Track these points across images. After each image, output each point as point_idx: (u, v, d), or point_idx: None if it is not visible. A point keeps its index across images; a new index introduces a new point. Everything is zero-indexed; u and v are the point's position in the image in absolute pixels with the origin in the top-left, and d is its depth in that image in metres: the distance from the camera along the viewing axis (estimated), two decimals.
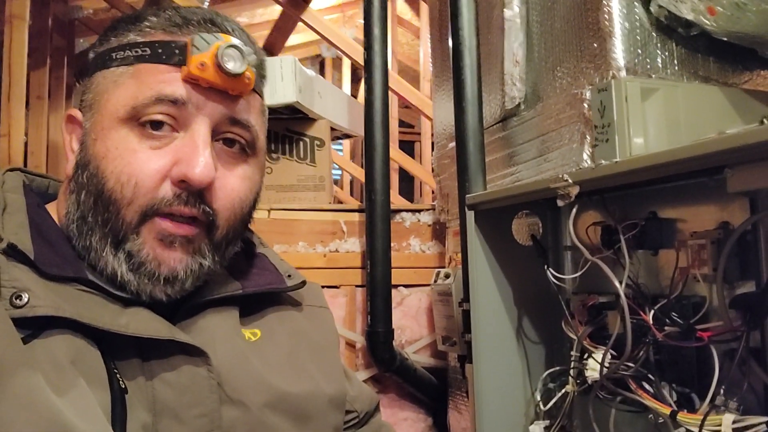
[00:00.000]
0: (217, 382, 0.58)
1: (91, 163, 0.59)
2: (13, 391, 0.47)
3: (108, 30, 0.64)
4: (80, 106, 0.63)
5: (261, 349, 0.64)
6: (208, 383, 0.57)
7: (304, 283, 0.72)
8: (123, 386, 0.54)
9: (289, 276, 0.71)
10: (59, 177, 0.70)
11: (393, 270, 1.44)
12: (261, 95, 0.67)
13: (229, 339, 0.62)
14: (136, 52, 0.60)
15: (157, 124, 0.58)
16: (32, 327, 0.52)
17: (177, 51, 0.59)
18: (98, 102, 0.60)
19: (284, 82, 1.45)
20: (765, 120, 0.64)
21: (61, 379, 0.50)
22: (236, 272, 0.68)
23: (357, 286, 1.53)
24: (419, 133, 3.86)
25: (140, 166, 0.57)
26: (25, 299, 0.52)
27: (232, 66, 0.58)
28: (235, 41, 0.60)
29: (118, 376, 0.54)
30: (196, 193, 0.59)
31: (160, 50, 0.59)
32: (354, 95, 3.73)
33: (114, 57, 0.61)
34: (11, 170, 0.65)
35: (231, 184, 0.62)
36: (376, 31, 1.44)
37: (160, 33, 0.61)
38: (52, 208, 0.64)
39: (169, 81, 0.58)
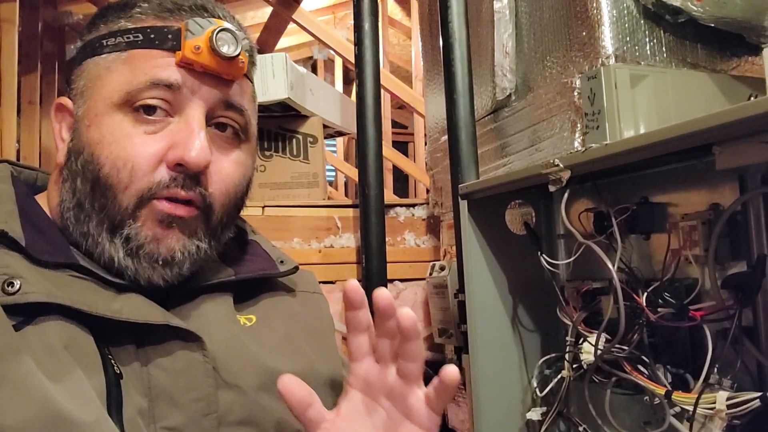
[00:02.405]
0: (213, 367, 0.58)
1: (85, 149, 0.59)
2: (5, 377, 0.47)
3: (96, 17, 0.64)
4: (70, 94, 0.63)
5: (256, 333, 0.64)
6: (203, 368, 0.57)
7: (296, 268, 0.72)
8: (118, 371, 0.54)
9: (282, 262, 0.71)
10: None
11: (388, 264, 1.45)
12: (252, 82, 0.67)
13: (223, 324, 0.62)
14: (128, 38, 0.60)
15: (151, 109, 0.59)
16: (24, 314, 0.52)
17: (170, 36, 0.59)
18: (90, 89, 0.60)
19: (275, 79, 1.45)
20: (752, 97, 0.65)
21: (54, 364, 0.50)
22: (229, 259, 0.68)
23: None
24: (412, 134, 3.86)
25: (136, 150, 0.58)
26: (17, 286, 0.52)
27: (226, 49, 0.59)
28: (229, 25, 0.60)
29: (112, 361, 0.54)
30: (192, 177, 0.59)
31: (152, 36, 0.59)
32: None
33: (105, 44, 0.61)
34: None
35: (225, 168, 0.62)
36: (366, 26, 1.44)
37: (152, 19, 0.61)
38: (41, 198, 0.64)
39: (163, 66, 0.59)
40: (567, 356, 0.91)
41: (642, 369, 0.78)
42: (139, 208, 0.58)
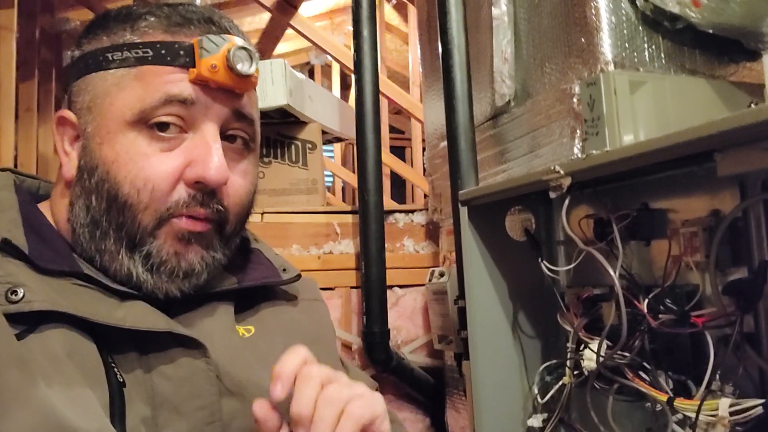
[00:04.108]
0: (216, 375, 0.58)
1: (98, 167, 0.59)
2: (7, 386, 0.47)
3: (96, 26, 0.63)
4: (73, 107, 0.62)
5: (254, 345, 0.64)
6: (206, 375, 0.57)
7: (299, 276, 0.72)
8: (121, 380, 0.54)
9: (284, 270, 0.71)
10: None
11: (387, 271, 1.45)
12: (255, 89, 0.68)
13: (225, 333, 0.62)
14: (137, 53, 0.59)
15: (165, 126, 0.59)
16: (28, 322, 0.52)
17: (182, 53, 0.59)
18: (99, 105, 0.60)
19: (274, 86, 1.45)
20: (753, 104, 0.65)
21: (57, 373, 0.50)
22: (232, 267, 0.68)
23: (352, 287, 1.53)
24: (410, 139, 3.87)
25: (154, 169, 0.58)
26: (21, 294, 0.52)
27: (241, 67, 0.59)
28: (243, 42, 0.60)
29: (115, 369, 0.54)
30: (210, 193, 0.60)
31: (163, 51, 0.59)
32: None
33: (111, 58, 0.60)
34: (1, 170, 0.65)
35: (239, 181, 0.63)
36: (365, 32, 1.44)
37: (160, 33, 0.60)
38: (44, 207, 0.64)
39: (176, 81, 0.59)
40: (568, 363, 0.91)
41: (644, 375, 0.78)
42: (159, 227, 0.59)
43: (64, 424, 0.47)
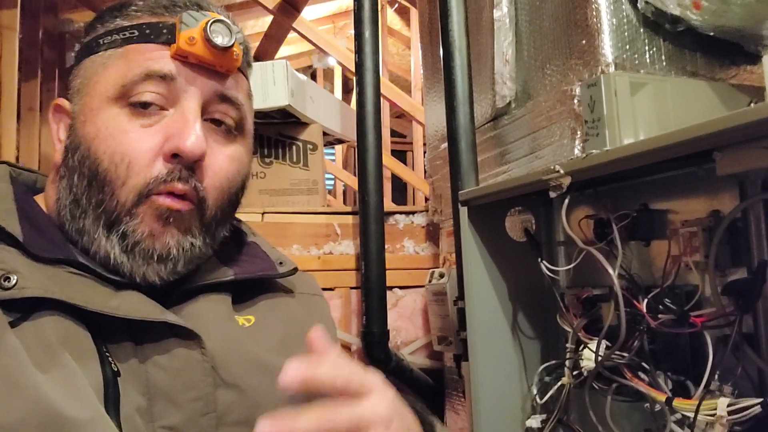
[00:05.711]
0: (211, 366, 0.58)
1: (81, 144, 0.59)
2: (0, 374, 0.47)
3: (94, 20, 0.65)
4: (67, 94, 0.64)
5: (255, 334, 0.64)
6: (201, 366, 0.57)
7: (295, 269, 0.72)
8: (115, 369, 0.54)
9: (281, 263, 0.71)
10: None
11: (387, 272, 1.45)
12: (247, 79, 0.68)
13: (222, 323, 0.62)
14: (124, 35, 0.60)
15: (146, 104, 0.59)
16: (21, 310, 0.52)
17: (165, 30, 0.60)
18: (87, 85, 0.61)
19: (276, 86, 1.46)
20: (752, 104, 0.65)
21: (50, 360, 0.50)
22: (228, 260, 0.68)
23: (352, 288, 1.53)
24: (411, 143, 3.88)
25: (132, 145, 0.58)
26: (14, 281, 0.52)
27: (220, 40, 0.59)
28: (222, 17, 0.61)
29: (110, 358, 0.54)
30: (188, 168, 0.59)
31: (147, 31, 0.60)
32: None
33: (101, 42, 0.61)
34: None
35: (220, 163, 0.62)
36: (367, 34, 1.45)
37: (147, 15, 0.62)
38: (39, 199, 0.65)
39: (157, 58, 0.59)
40: (567, 363, 0.91)
41: (642, 376, 0.78)
42: (138, 204, 0.58)
43: (56, 412, 0.47)
